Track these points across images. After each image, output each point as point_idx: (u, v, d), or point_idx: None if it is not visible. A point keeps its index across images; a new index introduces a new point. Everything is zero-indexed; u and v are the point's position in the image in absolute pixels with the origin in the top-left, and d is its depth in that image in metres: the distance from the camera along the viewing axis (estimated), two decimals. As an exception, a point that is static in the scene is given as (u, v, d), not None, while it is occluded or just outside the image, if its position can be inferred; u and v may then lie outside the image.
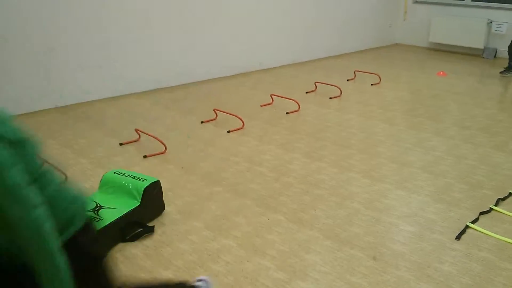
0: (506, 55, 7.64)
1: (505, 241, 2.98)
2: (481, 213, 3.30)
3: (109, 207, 2.94)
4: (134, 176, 3.16)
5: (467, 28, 9.05)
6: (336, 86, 6.39)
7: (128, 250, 2.87)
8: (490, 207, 3.38)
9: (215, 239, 3.00)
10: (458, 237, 3.02)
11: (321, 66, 8.11)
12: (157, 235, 3.03)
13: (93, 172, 3.95)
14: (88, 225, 1.59)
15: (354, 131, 4.93)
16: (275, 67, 7.95)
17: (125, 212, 2.92)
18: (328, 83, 6.56)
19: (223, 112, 5.25)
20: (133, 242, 2.93)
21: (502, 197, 3.52)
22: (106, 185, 3.17)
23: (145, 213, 3.06)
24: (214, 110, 5.33)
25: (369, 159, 4.23)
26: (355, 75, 7.28)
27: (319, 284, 2.59)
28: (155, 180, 3.16)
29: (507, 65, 7.49)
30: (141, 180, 3.12)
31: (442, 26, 9.44)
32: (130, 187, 3.06)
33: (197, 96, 6.16)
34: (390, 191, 3.64)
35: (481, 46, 8.95)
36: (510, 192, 3.60)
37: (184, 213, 3.30)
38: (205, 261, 2.78)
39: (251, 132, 4.90)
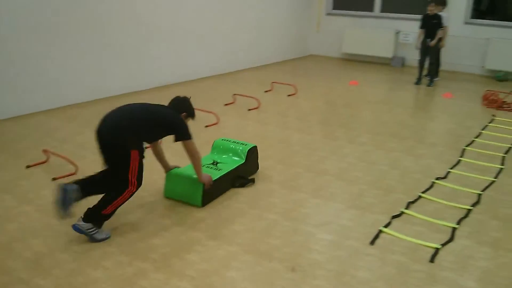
0: (413, 63, 8.12)
1: (416, 242, 3.11)
2: (393, 217, 3.43)
3: (223, 162, 3.91)
4: (238, 142, 4.14)
5: (376, 38, 9.53)
6: (254, 98, 6.44)
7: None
8: (401, 211, 3.52)
9: (131, 263, 2.87)
10: (372, 242, 3.11)
11: (240, 78, 8.17)
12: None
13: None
14: None
15: (272, 142, 4.98)
16: (194, 80, 7.89)
17: (236, 166, 3.87)
18: (247, 95, 6.60)
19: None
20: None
21: (412, 200, 3.69)
22: (216, 148, 4.12)
23: (247, 169, 4.03)
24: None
25: (287, 169, 4.28)
26: (272, 87, 7.38)
27: (239, 301, 2.54)
28: (254, 145, 4.13)
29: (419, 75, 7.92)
30: (244, 144, 4.08)
31: (354, 37, 9.87)
32: (238, 149, 4.03)
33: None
34: (307, 200, 3.69)
35: (390, 55, 9.46)
36: (419, 195, 3.78)
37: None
38: (124, 286, 2.64)
39: (169, 147, 4.78)
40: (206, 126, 5.44)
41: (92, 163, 4.36)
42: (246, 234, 3.19)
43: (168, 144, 3.86)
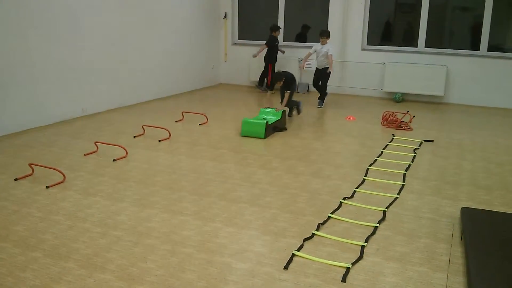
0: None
1: (328, 263, 3.19)
2: (305, 240, 3.50)
3: (269, 118, 6.57)
4: (273, 109, 6.87)
5: (282, 66, 9.85)
6: (164, 129, 6.35)
7: None
8: (313, 233, 3.60)
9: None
10: (286, 267, 3.14)
11: (149, 109, 8.04)
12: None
13: None
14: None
15: (185, 172, 4.91)
16: (100, 112, 7.64)
17: (277, 120, 6.64)
18: (157, 125, 6.50)
19: (40, 166, 4.81)
20: None
21: (322, 222, 3.79)
22: (262, 113, 6.80)
23: (282, 123, 6.77)
24: (29, 164, 4.85)
25: (200, 199, 4.24)
26: (183, 116, 7.34)
27: None
28: (284, 110, 6.93)
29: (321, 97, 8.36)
30: (278, 110, 6.81)
31: (257, 66, 10.14)
32: (276, 112, 6.79)
33: (10, 151, 5.56)
34: (221, 230, 3.66)
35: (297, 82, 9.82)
36: (328, 216, 3.90)
37: (-6, 289, 2.88)
38: None
39: (74, 184, 4.56)
40: (114, 160, 5.26)
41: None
42: (158, 271, 3.08)
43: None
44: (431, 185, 4.66)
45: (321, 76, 8.45)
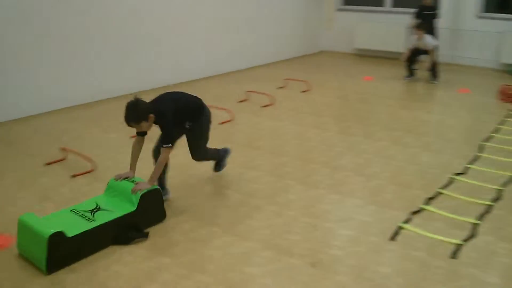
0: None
1: (437, 239, 3.08)
2: (412, 213, 3.40)
3: (107, 209, 3.08)
4: (137, 182, 3.22)
5: (388, 33, 9.45)
6: (267, 95, 6.42)
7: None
8: (421, 207, 3.49)
9: (151, 258, 2.87)
10: (392, 238, 3.08)
11: (251, 76, 8.15)
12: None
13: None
14: None
15: (288, 138, 4.96)
16: (203, 78, 7.88)
17: (119, 216, 3.02)
18: (260, 91, 6.58)
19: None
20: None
21: (431, 196, 3.65)
22: (111, 188, 3.31)
23: (142, 219, 3.15)
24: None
25: (303, 165, 4.26)
26: (285, 83, 7.36)
27: (260, 296, 2.54)
28: (154, 188, 3.23)
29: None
30: (136, 192, 3.16)
31: (365, 32, 9.80)
32: (130, 192, 3.15)
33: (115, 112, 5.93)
34: (325, 196, 3.67)
35: (401, 50, 9.37)
36: (438, 191, 3.74)
37: (116, 233, 3.13)
38: (142, 281, 2.65)
39: (181, 145, 4.78)
40: (220, 123, 5.43)
41: (108, 161, 4.39)
42: (264, 230, 3.18)
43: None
44: (555, 166, 4.27)
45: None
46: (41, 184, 3.89)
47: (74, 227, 2.84)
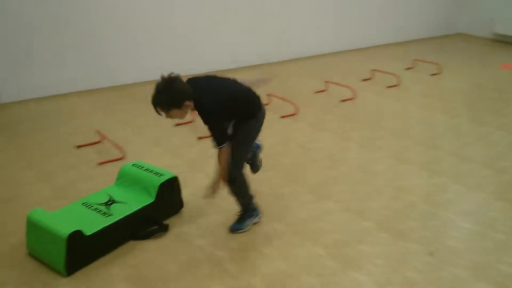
0: None
1: None
2: (548, 215, 3.13)
3: (122, 201, 2.84)
4: (151, 170, 3.01)
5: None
6: (394, 75, 6.21)
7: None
8: (558, 209, 3.20)
9: (268, 223, 3.00)
10: None
11: (379, 54, 7.90)
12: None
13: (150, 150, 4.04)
14: None
15: (412, 122, 4.79)
16: (331, 53, 7.81)
17: (137, 209, 2.80)
18: (386, 71, 6.39)
19: (277, 97, 5.23)
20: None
21: None
22: (123, 177, 3.04)
23: (160, 210, 2.92)
24: (268, 95, 5.31)
25: (428, 151, 4.10)
26: (414, 64, 7.05)
27: (372, 275, 2.54)
28: (172, 176, 2.98)
29: None
30: (158, 175, 2.96)
31: (509, 16, 8.96)
32: (146, 182, 2.91)
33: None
34: (449, 186, 3.51)
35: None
36: None
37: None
38: (258, 244, 2.79)
39: (305, 118, 4.86)
40: (342, 101, 5.40)
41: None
42: (382, 212, 3.15)
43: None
44: None
45: None
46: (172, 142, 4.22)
47: (91, 224, 2.59)
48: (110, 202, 2.82)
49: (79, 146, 4.12)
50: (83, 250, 2.52)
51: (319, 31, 7.61)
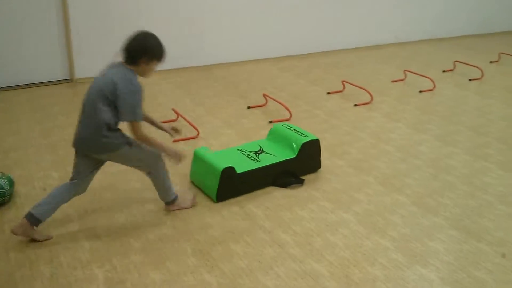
0: None
1: None
2: None
3: (269, 153, 3.32)
4: (297, 131, 3.43)
5: None
6: (477, 67, 5.91)
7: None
8: None
9: (334, 212, 3.00)
10: None
11: (462, 45, 7.53)
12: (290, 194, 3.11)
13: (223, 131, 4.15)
14: None
15: (494, 118, 4.55)
16: (411, 42, 7.55)
17: (280, 160, 3.25)
18: (469, 63, 6.09)
19: (351, 84, 5.15)
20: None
21: None
22: (273, 134, 3.53)
23: (300, 166, 3.33)
24: (342, 81, 5.25)
25: (508, 150, 3.90)
26: (499, 57, 6.66)
27: (440, 272, 2.48)
28: (315, 138, 3.38)
29: None
30: (303, 135, 3.38)
31: None
32: (292, 139, 3.36)
33: (325, 67, 6.10)
34: (530, 187, 3.33)
35: None
36: None
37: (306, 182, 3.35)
38: (323, 231, 2.81)
39: (380, 108, 4.76)
40: (421, 91, 5.23)
41: (304, 113, 4.60)
42: (454, 209, 3.05)
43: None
44: None
45: None
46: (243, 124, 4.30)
47: (242, 165, 3.10)
48: (259, 152, 3.34)
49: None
50: (232, 184, 3.03)
51: (398, 19, 7.36)
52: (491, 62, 6.55)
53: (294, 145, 3.32)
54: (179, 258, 2.53)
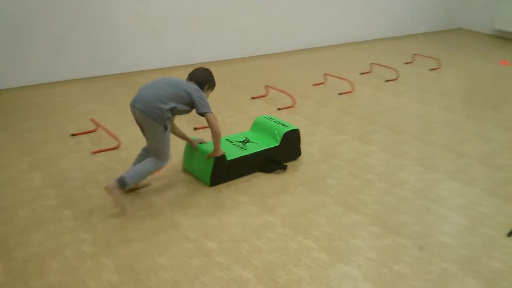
0: None
1: None
2: (539, 212, 3.14)
3: (255, 142, 3.61)
4: (279, 122, 3.74)
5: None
6: (393, 69, 6.20)
7: (174, 219, 2.92)
8: (550, 206, 3.21)
9: (261, 215, 3.01)
10: (510, 234, 2.89)
11: (379, 47, 7.89)
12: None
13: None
14: None
15: (409, 117, 4.78)
16: (331, 46, 7.79)
17: (265, 148, 3.55)
18: (385, 65, 6.37)
19: (274, 88, 5.22)
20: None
21: None
22: (257, 125, 3.83)
23: (282, 154, 3.64)
24: (265, 86, 5.30)
25: (423, 146, 4.11)
26: (413, 59, 7.03)
27: (362, 269, 2.55)
28: (295, 128, 3.69)
29: None
30: (284, 126, 3.68)
31: (510, 13, 8.91)
32: (274, 130, 3.66)
33: (249, 72, 6.14)
34: (443, 181, 3.52)
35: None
36: None
37: (229, 184, 3.33)
38: (249, 236, 2.80)
39: (302, 111, 4.85)
40: (340, 94, 5.39)
41: (228, 117, 4.57)
42: (373, 206, 3.16)
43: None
44: None
45: None
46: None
47: (231, 153, 3.39)
48: (245, 141, 3.62)
49: (73, 135, 4.12)
50: (223, 170, 3.33)
51: (319, 24, 7.58)
52: (406, 63, 6.89)
53: (277, 135, 3.61)
54: (100, 276, 2.42)
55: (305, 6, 7.29)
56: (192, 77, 3.22)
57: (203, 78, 3.22)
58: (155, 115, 2.95)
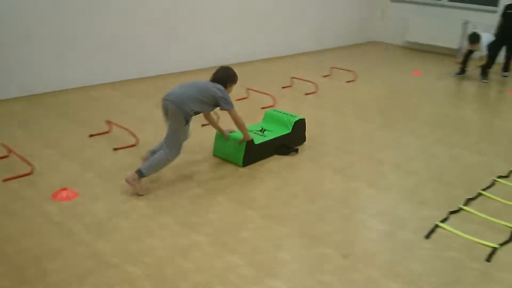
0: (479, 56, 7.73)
1: (474, 240, 3.02)
2: (451, 213, 3.34)
3: (270, 130, 4.27)
4: (287, 114, 4.43)
5: (443, 28, 9.16)
6: (312, 82, 6.39)
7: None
8: (460, 207, 3.42)
9: (187, 235, 2.95)
10: (427, 236, 3.05)
11: (298, 62, 8.11)
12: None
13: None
14: None
15: (329, 128, 4.94)
16: (252, 61, 7.91)
17: (280, 135, 4.20)
18: (305, 78, 6.55)
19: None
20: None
21: (471, 197, 3.57)
22: (267, 117, 4.49)
23: (292, 139, 4.30)
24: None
25: (343, 156, 4.24)
26: (331, 72, 7.29)
27: (289, 281, 2.57)
28: (302, 118, 4.39)
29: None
30: (293, 116, 4.36)
31: (419, 25, 9.53)
32: (285, 119, 4.33)
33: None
34: (362, 189, 3.65)
35: (456, 47, 9.08)
36: (479, 192, 3.65)
37: (156, 208, 3.25)
38: (174, 256, 2.73)
39: (224, 127, 4.84)
40: (262, 108, 5.46)
41: (151, 135, 4.49)
42: (299, 217, 3.21)
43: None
44: None
45: None
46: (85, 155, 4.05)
47: (255, 139, 3.98)
48: (263, 130, 4.27)
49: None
50: (252, 152, 3.95)
51: (239, 40, 7.68)
52: (324, 76, 7.13)
53: (288, 123, 4.28)
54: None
55: (223, 23, 7.35)
56: (216, 77, 3.68)
57: (223, 77, 3.68)
58: (183, 110, 3.40)
